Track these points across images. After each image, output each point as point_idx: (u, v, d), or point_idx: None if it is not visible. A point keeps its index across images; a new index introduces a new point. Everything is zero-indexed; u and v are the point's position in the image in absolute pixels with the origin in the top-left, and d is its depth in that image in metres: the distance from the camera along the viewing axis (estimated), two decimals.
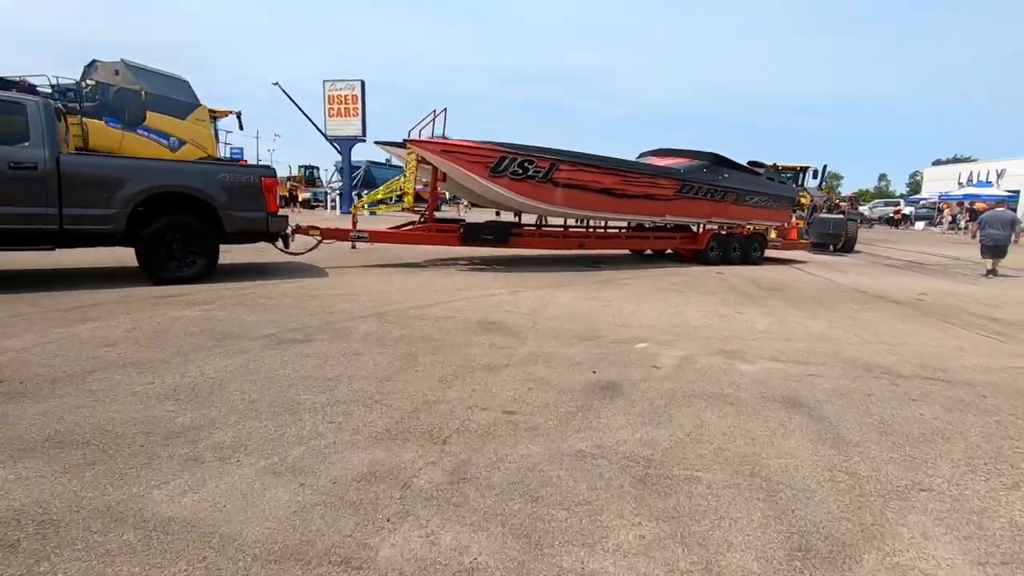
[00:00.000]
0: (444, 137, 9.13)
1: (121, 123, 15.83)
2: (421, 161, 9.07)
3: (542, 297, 7.15)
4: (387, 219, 9.84)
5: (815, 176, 22.94)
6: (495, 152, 8.80)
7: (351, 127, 24.43)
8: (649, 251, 13.05)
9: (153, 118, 16.81)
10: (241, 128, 22.01)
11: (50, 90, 15.70)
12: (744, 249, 12.97)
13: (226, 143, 21.13)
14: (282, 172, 43.37)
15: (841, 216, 17.65)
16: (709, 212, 12.25)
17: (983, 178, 39.35)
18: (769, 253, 14.17)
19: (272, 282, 7.15)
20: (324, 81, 25.47)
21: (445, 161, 8.63)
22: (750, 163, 13.89)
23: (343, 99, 25.20)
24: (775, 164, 18.28)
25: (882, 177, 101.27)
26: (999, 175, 38.12)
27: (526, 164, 9.08)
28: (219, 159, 19.74)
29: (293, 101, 27.48)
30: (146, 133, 16.64)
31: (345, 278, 7.73)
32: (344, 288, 6.99)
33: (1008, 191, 35.21)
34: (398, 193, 9.71)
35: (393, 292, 6.84)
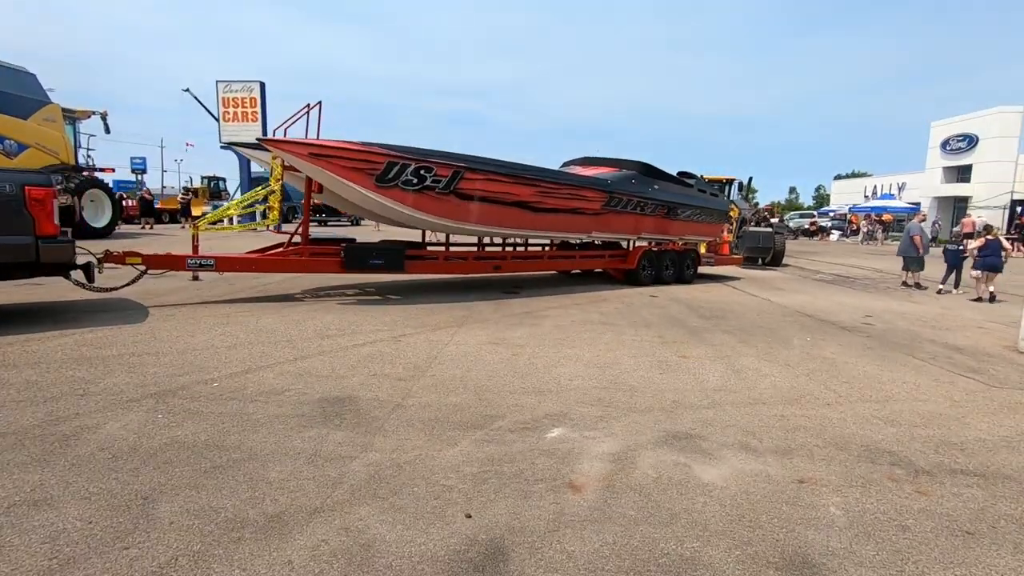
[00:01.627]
0: (315, 138, 7.25)
1: None
2: (288, 168, 7.15)
3: (434, 344, 5.43)
4: (257, 239, 7.75)
5: (740, 188, 22.72)
6: (381, 156, 7.03)
7: (249, 133, 21.73)
8: (577, 270, 11.66)
9: None
10: (107, 131, 18.92)
11: None
12: (677, 267, 11.86)
13: (88, 148, 17.94)
14: (182, 183, 39.21)
15: (770, 230, 17.16)
16: (639, 227, 11.02)
17: (886, 190, 41.66)
18: (702, 270, 13.20)
19: (45, 334, 5.00)
20: (217, 82, 22.64)
21: (316, 167, 6.77)
22: (680, 174, 12.88)
23: (240, 102, 22.49)
24: (701, 176, 17.62)
25: (792, 190, 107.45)
26: (900, 188, 40.44)
27: (422, 172, 7.37)
28: (76, 166, 16.65)
29: (206, 108, 24.44)
30: None
31: (163, 323, 5.67)
32: (146, 343, 4.95)
33: (909, 203, 37.28)
34: (262, 207, 7.75)
35: (219, 347, 4.89)
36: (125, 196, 23.99)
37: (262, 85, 22.67)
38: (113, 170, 19.88)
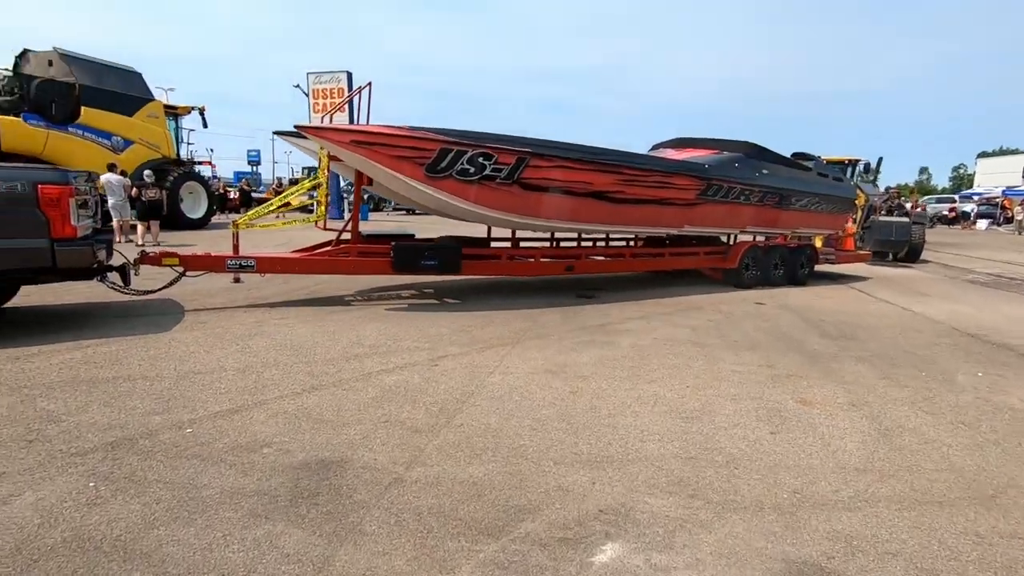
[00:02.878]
0: (361, 123, 6.47)
1: (46, 120, 13.67)
2: (334, 158, 6.44)
3: (476, 371, 4.44)
4: (309, 235, 7.17)
5: (866, 171, 19.68)
6: (433, 143, 6.10)
7: (337, 123, 21.94)
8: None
9: (91, 114, 14.59)
10: (205, 126, 19.85)
11: None
12: (789, 266, 10.03)
13: (190, 143, 18.88)
14: (292, 174, 41.33)
15: (906, 219, 14.44)
16: (743, 219, 9.34)
17: None
18: (820, 268, 11.17)
19: (57, 347, 4.60)
20: (308, 73, 23.09)
21: (359, 156, 5.98)
22: (795, 155, 10.91)
23: (328, 92, 22.80)
24: (819, 158, 15.18)
25: (923, 171, 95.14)
26: None
27: (480, 160, 6.36)
28: (177, 160, 17.51)
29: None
30: (81, 131, 14.45)
31: (187, 334, 5.14)
32: (152, 362, 4.39)
33: None
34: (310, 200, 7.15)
35: (227, 369, 4.21)
36: (226, 188, 25.33)
37: (349, 75, 22.78)
38: (210, 163, 20.89)
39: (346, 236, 6.82)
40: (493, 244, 8.29)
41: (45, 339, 4.77)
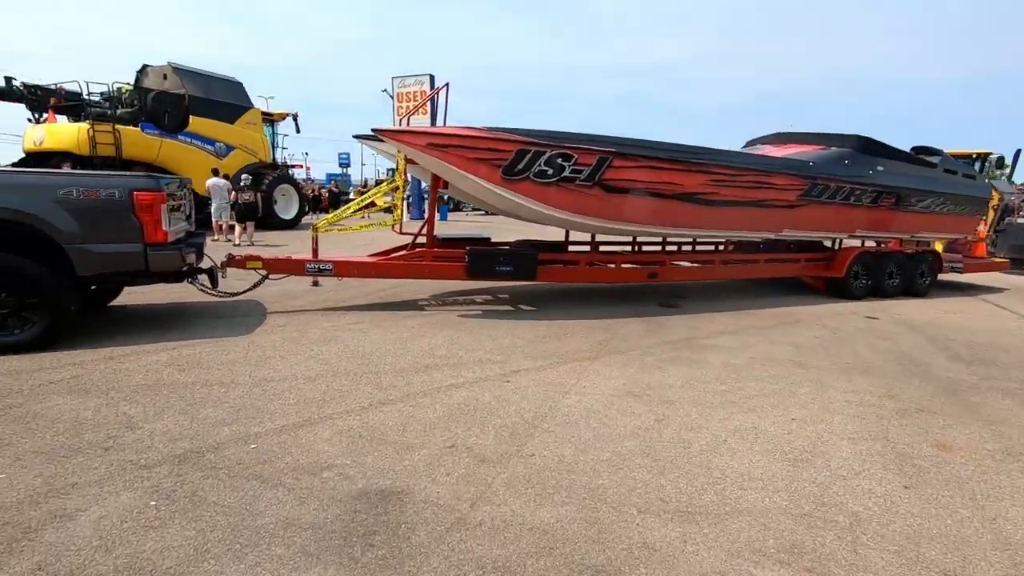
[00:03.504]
0: (438, 125, 6.32)
1: (160, 129, 14.86)
2: (411, 161, 6.35)
3: (551, 390, 4.11)
4: (391, 237, 7.16)
5: (999, 166, 17.33)
6: (509, 144, 5.84)
7: (419, 125, 22.40)
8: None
9: (197, 123, 15.73)
10: (298, 131, 20.90)
11: (99, 97, 15.09)
12: (906, 274, 8.89)
13: (284, 147, 19.94)
14: (373, 176, 43.08)
15: None
16: (852, 222, 8.36)
17: None
18: (944, 278, 9.86)
19: (147, 347, 4.78)
20: (393, 78, 23.77)
21: (434, 159, 5.83)
22: (916, 150, 9.66)
23: (412, 96, 23.34)
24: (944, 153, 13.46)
25: None
26: None
27: (559, 161, 6.02)
28: (273, 164, 18.53)
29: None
30: (189, 139, 15.61)
31: (266, 337, 5.20)
32: (229, 367, 4.44)
33: None
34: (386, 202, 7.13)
35: (299, 378, 4.16)
36: (316, 190, 26.59)
37: (431, 78, 23.18)
38: (302, 166, 21.96)
39: (422, 239, 6.72)
40: (571, 248, 7.92)
41: (138, 339, 4.99)
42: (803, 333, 6.23)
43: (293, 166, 21.79)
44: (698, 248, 9.09)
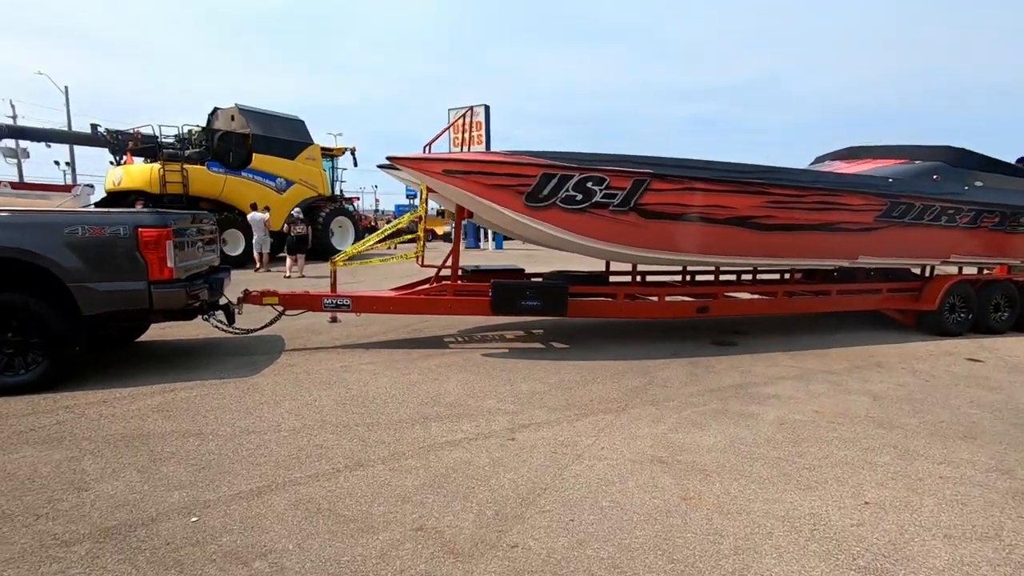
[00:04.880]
0: (466, 151, 5.94)
1: (225, 167, 15.60)
2: (432, 190, 6.00)
3: (561, 452, 3.49)
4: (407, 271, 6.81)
5: None
6: (532, 168, 5.35)
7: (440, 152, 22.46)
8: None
9: (259, 160, 16.42)
10: (355, 164, 21.49)
11: (173, 139, 16.13)
12: (1016, 307, 7.54)
13: (341, 181, 20.52)
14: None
15: None
16: (946, 246, 7.20)
17: None
18: None
19: (144, 389, 4.58)
20: (449, 109, 24.14)
21: (451, 186, 5.44)
22: (1022, 161, 8.33)
23: (467, 126, 23.59)
24: None
25: None
26: None
27: (589, 185, 5.46)
28: (331, 197, 19.06)
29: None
30: (251, 176, 16.31)
31: (269, 379, 4.90)
32: (216, 414, 4.14)
33: None
34: (412, 233, 6.79)
35: (283, 429, 3.78)
36: (374, 221, 27.20)
37: (486, 108, 23.29)
38: (358, 199, 22.50)
39: (447, 271, 6.32)
40: (612, 280, 7.27)
41: (142, 379, 4.83)
42: (885, 380, 5.23)
43: (350, 199, 22.37)
44: (759, 277, 8.19)
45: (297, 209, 13.94)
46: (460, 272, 7.02)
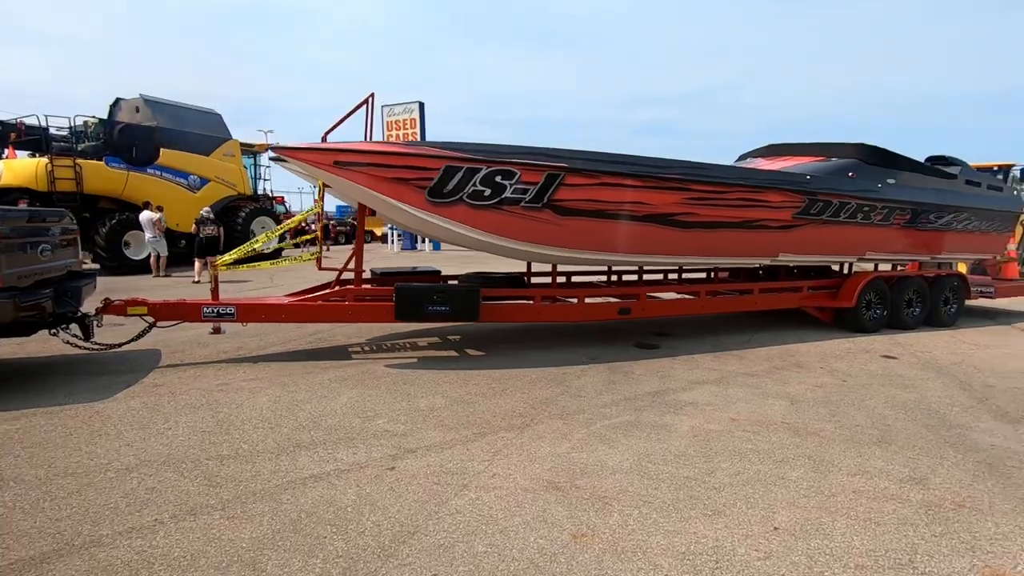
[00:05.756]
0: (364, 140, 5.38)
1: (127, 163, 14.26)
2: (328, 184, 5.41)
3: (447, 479, 3.03)
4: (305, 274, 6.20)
5: (1022, 178, 16.08)
6: (435, 160, 4.88)
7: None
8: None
9: (168, 155, 15.12)
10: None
11: (67, 132, 14.57)
12: (928, 302, 7.70)
13: (265, 179, 19.33)
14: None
15: None
16: (862, 243, 7.24)
17: None
18: (973, 303, 8.64)
19: None
20: (383, 107, 23.27)
21: (345, 180, 4.88)
22: (932, 160, 8.57)
23: (401, 124, 22.80)
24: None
25: None
26: None
27: (498, 179, 5.04)
28: (254, 196, 17.84)
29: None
30: (158, 172, 14.98)
31: (126, 403, 4.19)
32: (38, 450, 3.45)
33: None
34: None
35: (112, 468, 3.13)
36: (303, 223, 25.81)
37: (421, 105, 22.63)
38: (282, 199, 21.34)
39: (351, 275, 5.73)
40: (537, 280, 6.89)
41: None
42: (804, 381, 5.07)
43: (274, 199, 21.15)
44: (685, 276, 8.04)
45: (207, 209, 12.85)
46: (370, 274, 6.47)
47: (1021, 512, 2.84)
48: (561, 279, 7.36)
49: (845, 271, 8.02)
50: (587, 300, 6.09)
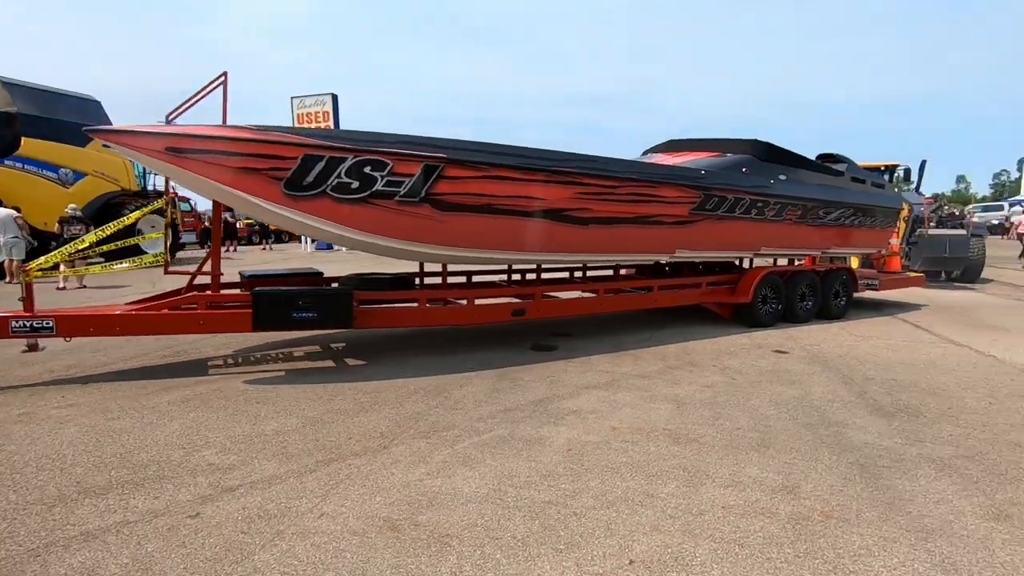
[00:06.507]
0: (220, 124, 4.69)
1: None
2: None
3: (264, 525, 2.53)
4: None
5: (906, 178, 17.30)
6: (292, 149, 4.31)
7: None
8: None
9: (32, 145, 13.42)
10: None
11: None
12: (819, 296, 7.89)
13: (153, 173, 17.64)
14: None
15: (962, 232, 12.10)
16: (756, 238, 7.31)
17: None
18: (861, 296, 9.00)
19: None
20: (292, 98, 21.95)
21: (183, 171, 4.22)
22: (822, 158, 8.85)
23: (313, 117, 21.58)
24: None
25: (960, 179, 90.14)
26: None
27: (367, 170, 4.54)
28: (141, 193, 16.24)
29: None
30: (21, 164, 13.26)
31: None
32: None
33: None
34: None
35: None
36: (202, 222, 24.04)
37: (334, 97, 21.57)
38: (186, 197, 19.71)
39: (206, 279, 5.03)
40: (429, 281, 6.43)
41: None
42: (695, 381, 4.92)
43: (177, 196, 19.41)
44: (591, 275, 7.84)
45: (73, 206, 11.45)
46: (239, 278, 5.78)
47: (886, 519, 2.69)
48: (461, 279, 6.97)
49: (747, 266, 8.11)
50: (477, 302, 5.69)
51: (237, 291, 5.19)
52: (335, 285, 5.83)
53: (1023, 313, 8.61)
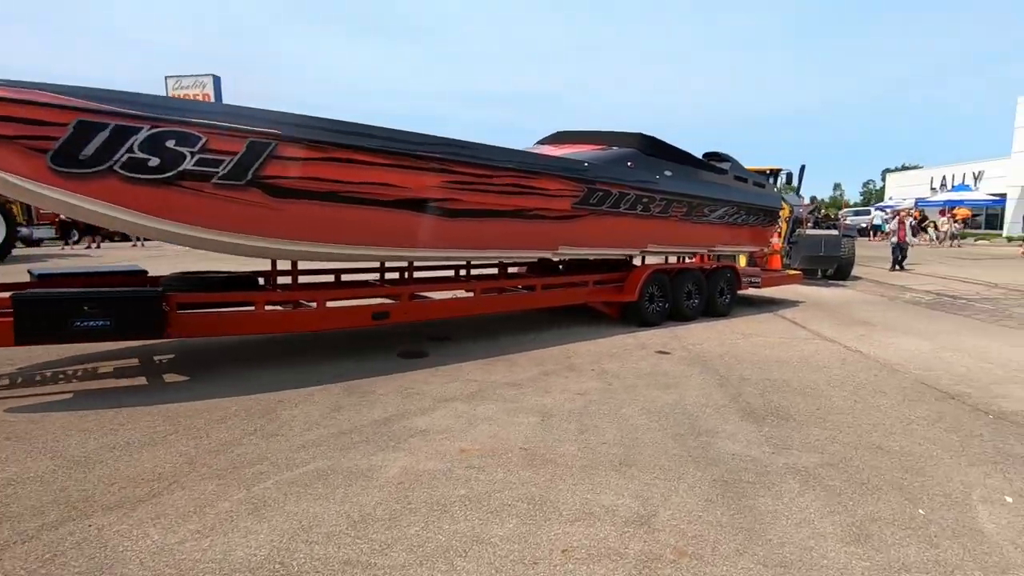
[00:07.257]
0: None
1: None
2: None
3: None
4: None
5: (788, 182, 18.38)
6: (58, 113, 3.39)
7: None
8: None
9: None
10: None
11: None
12: (705, 293, 7.86)
13: None
14: None
15: (835, 232, 12.87)
16: (642, 235, 7.11)
17: (959, 181, 35.91)
18: (744, 293, 9.15)
19: None
20: (167, 78, 19.74)
21: None
22: (709, 156, 8.89)
23: (192, 99, 19.56)
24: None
25: (836, 187, 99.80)
26: (977, 177, 34.68)
27: (170, 144, 3.69)
28: None
29: None
30: None
31: None
32: None
33: (992, 194, 31.67)
34: None
35: None
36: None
37: (216, 79, 19.59)
38: None
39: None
40: (283, 280, 5.58)
41: None
42: (568, 388, 4.50)
43: None
44: (475, 273, 7.30)
45: None
46: (29, 278, 4.68)
47: (743, 552, 2.34)
48: (329, 277, 6.19)
49: (638, 263, 7.93)
50: (330, 304, 4.95)
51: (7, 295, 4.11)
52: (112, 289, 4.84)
53: (887, 308, 9.12)
